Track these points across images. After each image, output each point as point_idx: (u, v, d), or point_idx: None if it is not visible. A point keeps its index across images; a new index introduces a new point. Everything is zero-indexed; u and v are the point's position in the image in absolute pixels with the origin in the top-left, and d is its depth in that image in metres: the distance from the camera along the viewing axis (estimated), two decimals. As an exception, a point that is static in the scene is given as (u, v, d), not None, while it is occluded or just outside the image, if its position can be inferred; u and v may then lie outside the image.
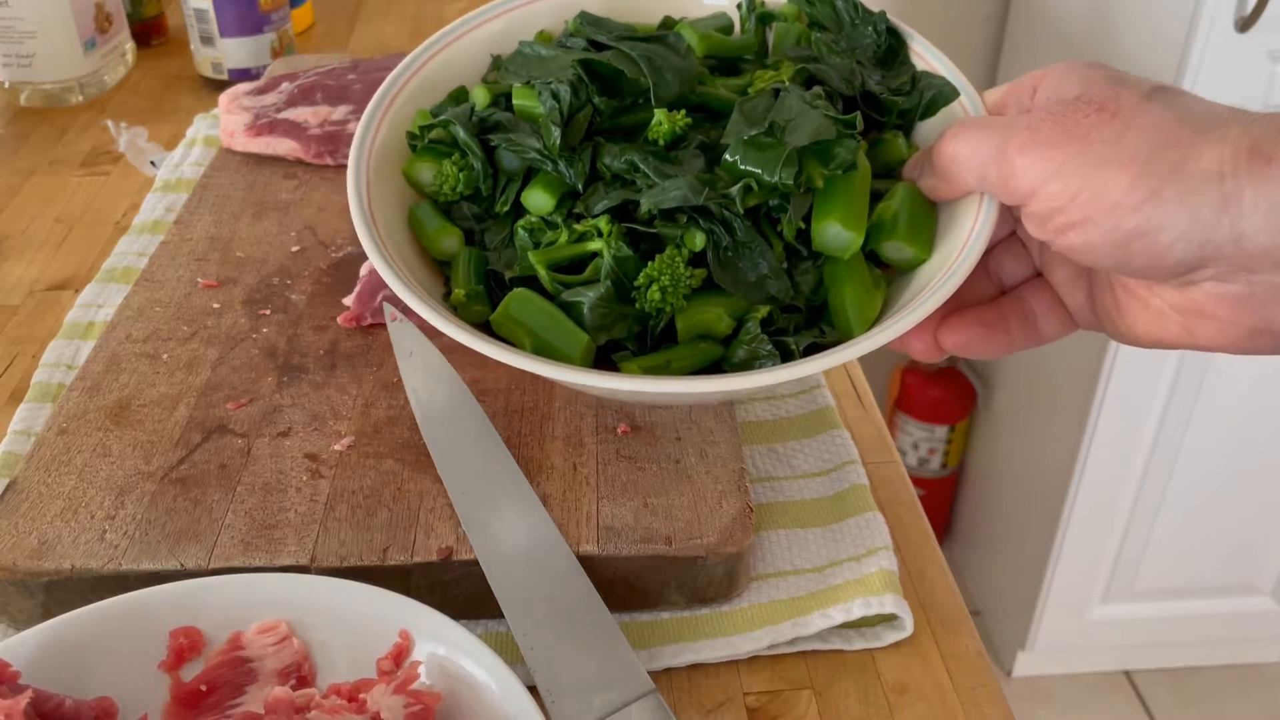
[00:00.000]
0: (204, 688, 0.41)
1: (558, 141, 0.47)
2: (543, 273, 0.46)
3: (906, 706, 0.44)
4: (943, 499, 1.87)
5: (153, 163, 0.81)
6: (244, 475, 0.49)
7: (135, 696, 0.40)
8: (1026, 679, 1.69)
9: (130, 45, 0.98)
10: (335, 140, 0.74)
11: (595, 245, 0.45)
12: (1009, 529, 1.69)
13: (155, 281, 0.62)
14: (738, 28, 0.56)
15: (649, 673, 0.43)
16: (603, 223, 0.45)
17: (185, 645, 0.41)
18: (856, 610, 0.46)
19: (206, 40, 0.92)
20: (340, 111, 0.77)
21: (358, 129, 0.50)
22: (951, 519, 1.91)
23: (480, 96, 0.52)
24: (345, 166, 0.73)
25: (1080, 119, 0.37)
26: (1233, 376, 1.36)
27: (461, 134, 0.50)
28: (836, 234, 0.44)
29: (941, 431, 1.77)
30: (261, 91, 0.80)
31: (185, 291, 0.61)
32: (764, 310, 0.44)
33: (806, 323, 0.46)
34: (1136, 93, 0.37)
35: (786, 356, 0.43)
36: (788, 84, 0.48)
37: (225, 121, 0.76)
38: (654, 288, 0.44)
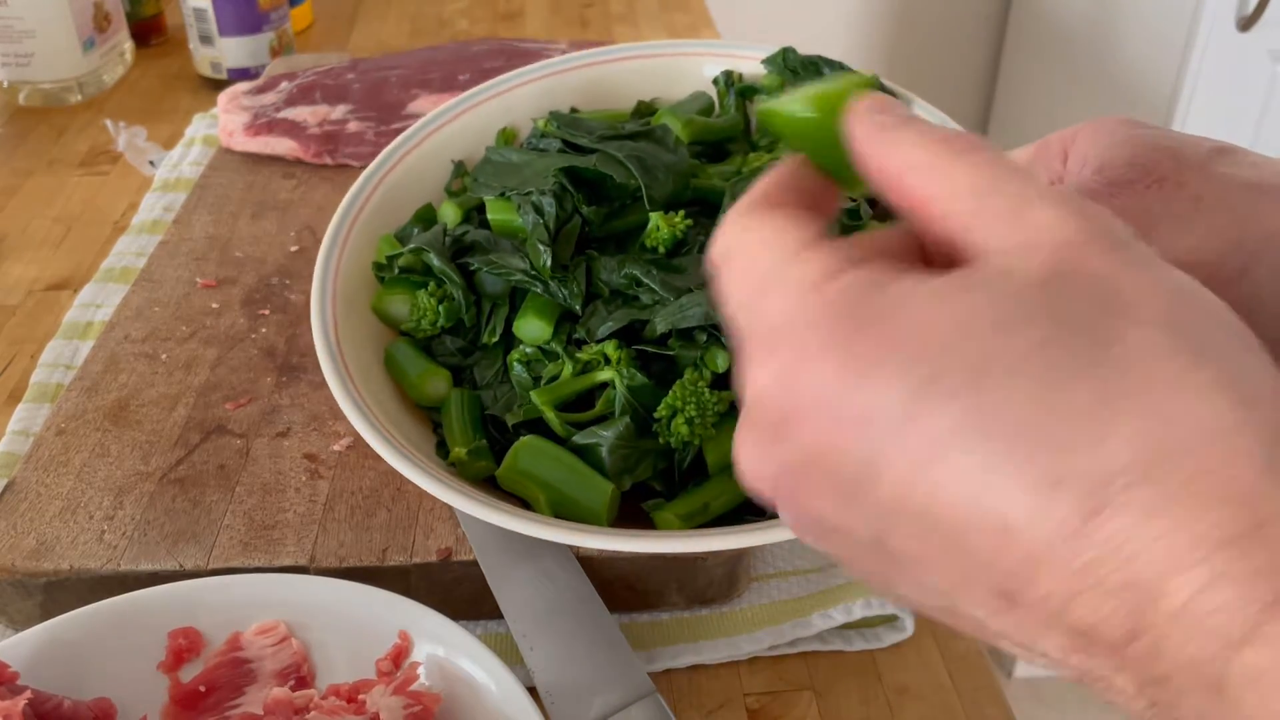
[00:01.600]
0: (203, 688, 0.41)
1: (548, 263, 0.42)
2: (550, 415, 0.41)
3: (907, 707, 0.44)
4: (943, 499, 1.87)
5: (151, 162, 0.81)
6: (243, 476, 0.49)
7: (134, 697, 0.40)
8: (1028, 680, 1.68)
9: (129, 44, 0.98)
10: (334, 140, 0.74)
11: (605, 375, 0.41)
12: (1009, 529, 1.68)
13: (154, 281, 0.62)
14: (717, 105, 0.51)
15: (649, 674, 0.43)
16: (610, 348, 0.41)
17: (184, 646, 0.41)
18: (857, 610, 0.46)
19: (205, 39, 0.92)
20: (339, 111, 0.77)
21: (317, 263, 0.45)
22: (952, 519, 1.91)
23: (450, 214, 0.47)
24: (345, 166, 0.73)
25: (1140, 192, 0.31)
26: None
27: (437, 262, 0.45)
28: None
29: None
30: (260, 91, 0.80)
31: (184, 291, 0.61)
32: None
33: None
34: (1197, 156, 0.32)
35: None
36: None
37: (224, 121, 0.76)
38: (679, 419, 0.39)
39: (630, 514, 0.42)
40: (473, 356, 0.46)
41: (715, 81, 0.52)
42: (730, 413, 0.40)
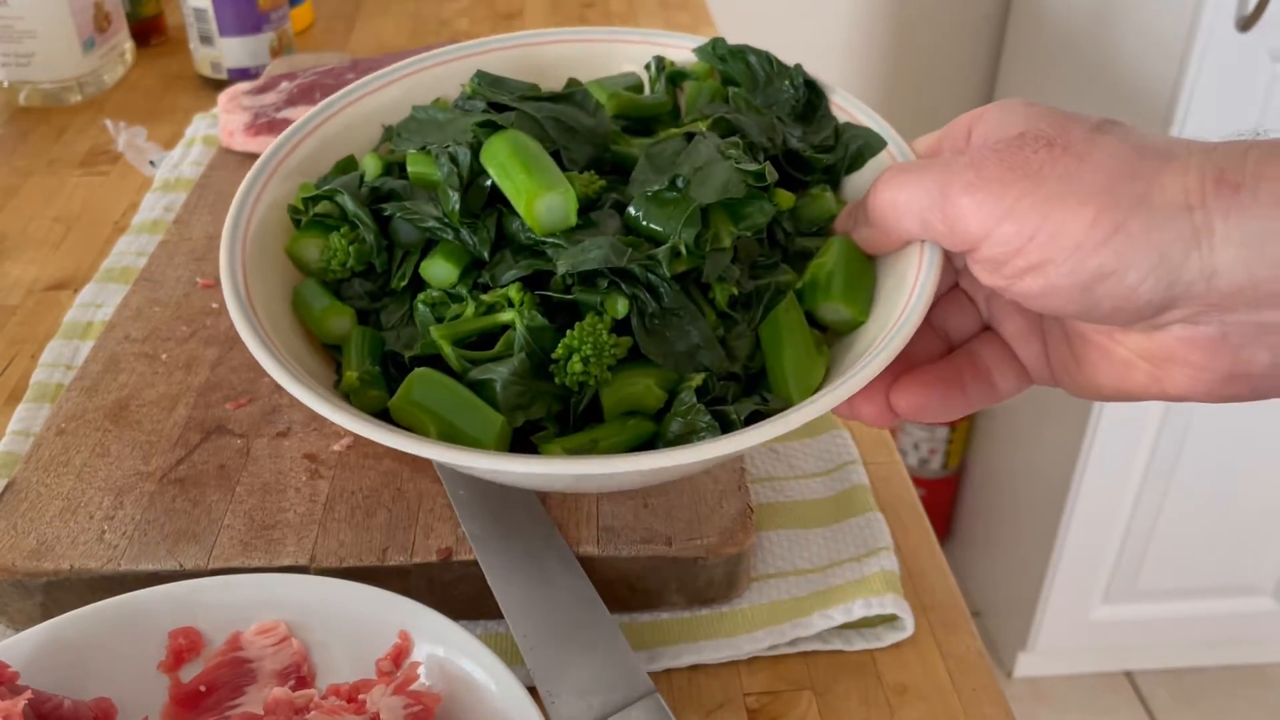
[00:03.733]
0: (203, 688, 0.41)
1: (457, 207, 0.43)
2: (447, 349, 0.41)
3: (907, 707, 0.44)
4: (944, 499, 1.87)
5: (152, 162, 0.81)
6: (243, 475, 0.49)
7: (134, 697, 0.40)
8: (1027, 679, 1.68)
9: (129, 44, 0.98)
10: (335, 140, 0.74)
11: (506, 316, 0.41)
12: (1010, 529, 1.69)
13: (154, 281, 0.62)
14: (648, 89, 0.52)
15: (649, 674, 0.43)
16: (513, 291, 0.41)
17: (184, 646, 0.41)
18: (857, 610, 0.46)
19: (205, 39, 0.92)
20: (340, 111, 0.77)
21: (232, 205, 0.45)
22: (952, 519, 1.91)
23: (371, 166, 0.47)
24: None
25: (1029, 155, 0.34)
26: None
27: (350, 205, 0.45)
28: None
29: (942, 432, 1.77)
30: (260, 91, 0.80)
31: (184, 291, 0.61)
32: (698, 378, 0.40)
33: (745, 390, 0.42)
34: (1085, 126, 0.35)
35: (727, 428, 0.39)
36: (705, 131, 0.45)
37: (224, 121, 0.76)
38: (575, 359, 0.39)
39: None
40: (380, 301, 0.46)
41: (647, 66, 0.53)
42: (629, 359, 0.40)
